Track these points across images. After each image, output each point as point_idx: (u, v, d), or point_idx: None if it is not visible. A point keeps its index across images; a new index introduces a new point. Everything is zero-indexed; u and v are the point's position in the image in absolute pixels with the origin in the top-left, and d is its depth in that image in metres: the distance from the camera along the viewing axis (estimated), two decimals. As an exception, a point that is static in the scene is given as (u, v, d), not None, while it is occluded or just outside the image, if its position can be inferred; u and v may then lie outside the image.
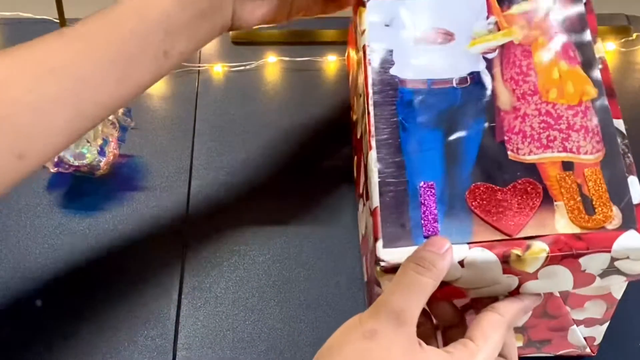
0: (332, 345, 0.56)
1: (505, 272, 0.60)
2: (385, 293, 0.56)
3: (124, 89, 0.67)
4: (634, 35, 1.04)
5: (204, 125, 0.95)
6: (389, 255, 0.60)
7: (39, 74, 0.63)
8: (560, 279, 0.61)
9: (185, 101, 0.97)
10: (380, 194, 0.63)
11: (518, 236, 0.60)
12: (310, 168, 0.91)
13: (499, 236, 0.60)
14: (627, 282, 0.69)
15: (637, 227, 0.60)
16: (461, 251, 0.59)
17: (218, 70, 1.00)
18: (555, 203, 0.62)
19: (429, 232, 0.61)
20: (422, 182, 0.63)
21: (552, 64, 0.69)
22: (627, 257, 0.60)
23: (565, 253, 0.59)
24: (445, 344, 0.62)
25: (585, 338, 0.74)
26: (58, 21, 0.88)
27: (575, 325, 0.72)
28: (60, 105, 0.63)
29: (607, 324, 0.73)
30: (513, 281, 0.61)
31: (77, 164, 0.86)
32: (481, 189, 0.63)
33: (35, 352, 0.77)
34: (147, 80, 0.69)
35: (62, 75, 0.63)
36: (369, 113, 0.68)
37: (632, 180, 0.62)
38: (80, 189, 0.89)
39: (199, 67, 1.00)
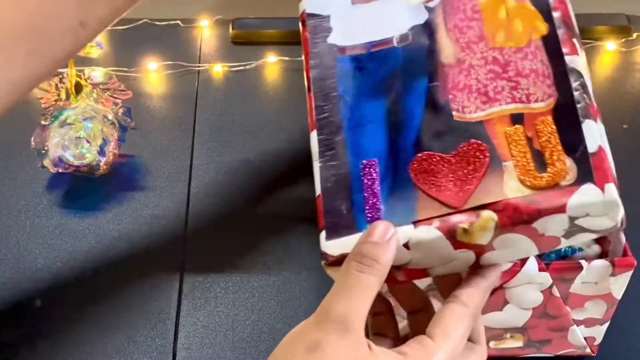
0: (277, 359, 0.52)
1: (456, 247, 0.54)
2: (328, 297, 0.52)
3: (38, 63, 0.64)
4: (634, 35, 1.04)
5: (204, 125, 0.95)
6: (333, 247, 0.55)
7: None
8: (520, 246, 0.54)
9: (185, 101, 0.97)
10: (322, 180, 0.57)
11: (465, 207, 0.53)
12: (310, 167, 0.90)
13: (445, 210, 0.53)
14: (627, 282, 0.69)
15: (593, 179, 0.51)
16: (405, 232, 0.53)
17: (218, 70, 1.00)
18: (504, 163, 0.54)
19: (372, 217, 0.55)
20: (364, 161, 0.57)
21: (499, 1, 0.60)
22: (587, 215, 0.52)
23: (515, 220, 0.52)
24: (413, 330, 0.59)
25: (585, 338, 0.74)
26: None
27: (575, 326, 0.72)
28: None
29: (607, 324, 0.73)
30: (469, 255, 0.55)
31: (77, 164, 0.86)
32: (425, 159, 0.56)
33: (35, 352, 0.77)
34: (64, 52, 0.65)
35: None
36: (309, 90, 0.61)
37: (587, 125, 0.53)
38: (80, 189, 0.89)
39: (199, 67, 1.00)
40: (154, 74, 1.00)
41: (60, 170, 0.87)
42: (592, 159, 0.52)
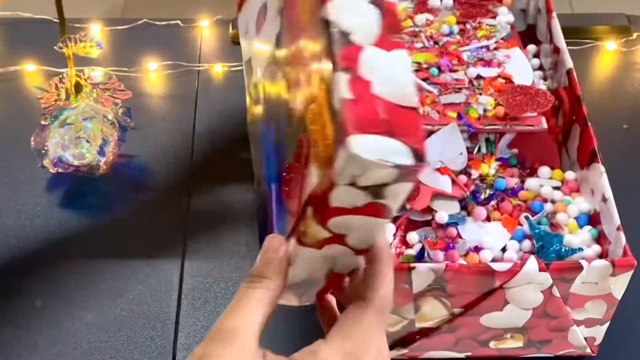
0: None
1: (318, 247, 0.51)
2: (221, 316, 0.53)
3: None
4: (634, 35, 1.04)
5: (204, 125, 0.95)
6: None
7: None
8: (359, 224, 0.49)
9: (185, 101, 0.97)
10: (257, 219, 0.58)
11: (300, 211, 0.50)
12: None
13: (294, 219, 0.51)
14: (627, 282, 0.69)
15: (346, 134, 0.43)
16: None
17: (218, 70, 1.00)
18: (312, 150, 0.48)
19: None
20: (267, 190, 0.56)
21: None
22: (359, 176, 0.45)
23: (319, 207, 0.48)
24: None
25: (585, 338, 0.74)
26: (58, 21, 0.88)
27: (575, 326, 0.72)
28: None
29: (607, 324, 0.73)
30: (338, 248, 0.52)
31: (77, 164, 0.86)
32: (285, 172, 0.53)
33: (35, 352, 0.77)
34: None
35: None
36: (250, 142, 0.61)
37: (339, 75, 0.45)
38: (80, 189, 0.89)
39: (199, 67, 1.00)
40: (154, 74, 1.00)
41: (60, 170, 0.87)
42: (339, 117, 0.44)
